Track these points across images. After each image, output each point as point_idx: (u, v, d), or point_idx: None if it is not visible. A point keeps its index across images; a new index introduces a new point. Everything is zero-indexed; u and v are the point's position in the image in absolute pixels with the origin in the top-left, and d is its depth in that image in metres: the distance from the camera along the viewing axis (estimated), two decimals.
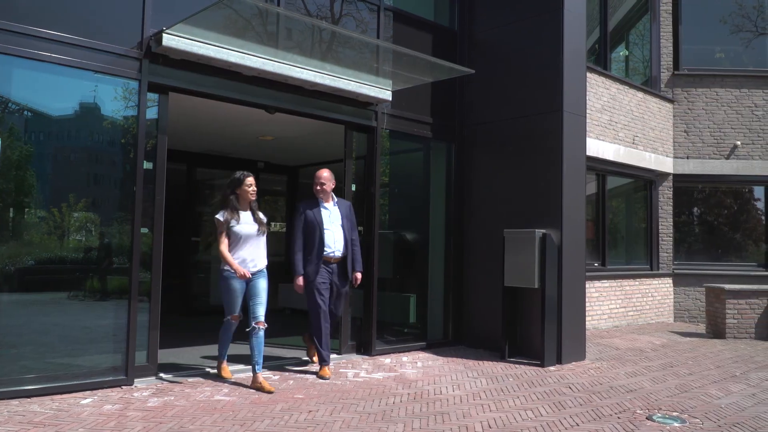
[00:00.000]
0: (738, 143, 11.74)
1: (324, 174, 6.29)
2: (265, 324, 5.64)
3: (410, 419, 4.70)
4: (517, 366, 6.86)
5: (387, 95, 7.14)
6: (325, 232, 6.11)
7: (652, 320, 11.21)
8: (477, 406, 5.12)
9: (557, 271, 7.03)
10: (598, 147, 10.10)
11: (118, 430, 4.19)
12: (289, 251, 6.26)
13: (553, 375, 6.47)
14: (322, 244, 6.08)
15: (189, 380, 5.70)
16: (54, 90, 5.26)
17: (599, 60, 10.79)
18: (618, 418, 4.91)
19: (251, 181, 5.73)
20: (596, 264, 10.45)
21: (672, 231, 11.71)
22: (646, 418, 4.95)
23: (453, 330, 8.06)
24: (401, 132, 7.64)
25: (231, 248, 5.52)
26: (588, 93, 9.76)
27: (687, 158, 11.84)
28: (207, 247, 11.55)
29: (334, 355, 6.98)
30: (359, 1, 7.31)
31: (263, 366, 5.70)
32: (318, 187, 6.24)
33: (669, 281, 11.64)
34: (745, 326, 9.51)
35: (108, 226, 5.62)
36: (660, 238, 11.61)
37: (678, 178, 11.83)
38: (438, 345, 7.86)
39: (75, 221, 5.41)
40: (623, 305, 10.65)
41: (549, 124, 7.27)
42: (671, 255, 11.66)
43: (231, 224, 5.53)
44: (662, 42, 11.89)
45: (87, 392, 5.09)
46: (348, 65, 6.80)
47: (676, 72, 11.96)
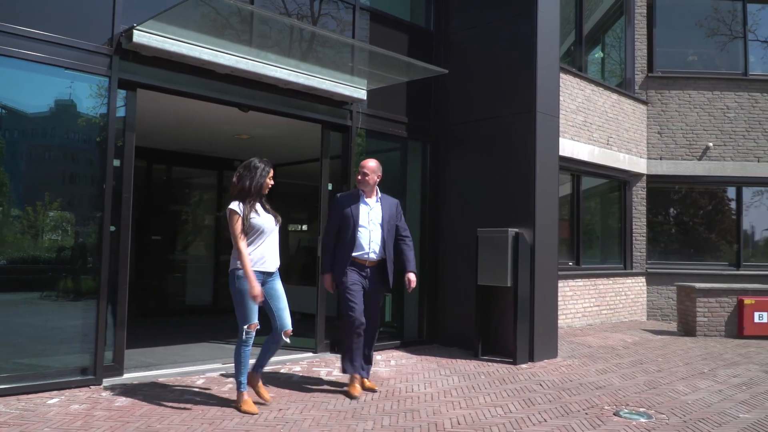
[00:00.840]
0: (710, 144, 11.92)
1: (369, 164, 5.52)
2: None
3: (380, 416, 4.72)
4: (490, 364, 6.91)
5: (362, 94, 7.15)
6: (360, 231, 5.34)
7: (626, 319, 11.35)
8: (447, 404, 5.15)
9: (530, 270, 7.10)
10: (573, 147, 10.20)
11: (85, 430, 4.16)
12: (320, 246, 5.72)
13: (525, 372, 6.53)
14: (354, 244, 5.31)
15: (159, 380, 5.67)
16: (25, 87, 5.20)
17: (574, 62, 10.90)
18: (585, 414, 4.98)
19: (271, 171, 4.93)
20: (570, 263, 10.56)
21: (645, 231, 11.87)
22: (614, 414, 5.02)
23: (428, 329, 8.10)
24: (377, 131, 7.67)
25: (249, 241, 4.70)
26: (563, 94, 9.87)
27: (660, 159, 12.00)
28: (185, 247, 11.49)
29: (309, 354, 6.99)
30: (334, 1, 7.32)
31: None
32: (360, 177, 5.48)
33: (642, 280, 11.79)
34: (715, 324, 9.66)
35: (78, 225, 5.56)
36: (634, 238, 11.76)
37: (651, 179, 11.99)
38: (412, 344, 7.89)
39: (49, 220, 5.35)
40: (597, 304, 10.76)
41: (523, 125, 7.33)
42: (645, 254, 11.81)
43: (251, 217, 4.70)
44: (636, 45, 12.04)
45: (54, 392, 5.03)
46: (323, 64, 6.80)
47: (650, 74, 12.12)
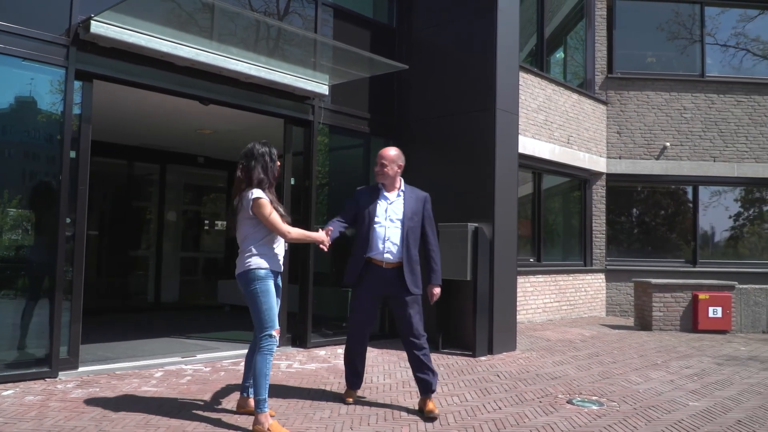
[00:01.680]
0: (667, 144, 12.22)
1: (390, 152, 4.86)
2: None
3: (338, 405, 4.77)
4: (450, 356, 7.01)
5: (324, 89, 7.20)
6: (375, 228, 4.71)
7: (585, 314, 11.57)
8: (405, 393, 5.22)
9: (489, 264, 7.21)
10: (534, 146, 10.38)
11: (39, 419, 4.13)
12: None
13: (483, 364, 6.64)
14: (368, 243, 4.71)
15: (117, 373, 5.64)
16: None
17: (536, 62, 11.08)
18: (539, 402, 5.09)
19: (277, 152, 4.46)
20: (532, 260, 10.74)
21: (605, 228, 12.11)
22: (567, 402, 5.14)
23: (390, 323, 8.17)
24: (340, 127, 7.72)
25: (264, 242, 4.21)
26: (524, 93, 10.05)
27: (619, 158, 12.26)
28: (149, 244, 11.40)
29: None
30: None
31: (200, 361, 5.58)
32: (377, 168, 4.84)
33: (602, 277, 12.03)
34: (671, 318, 9.92)
35: (33, 219, 5.50)
36: (594, 235, 11.99)
37: (611, 178, 12.25)
38: (375, 338, 7.92)
39: (9, 219, 5.28)
40: (557, 299, 10.96)
41: (483, 122, 7.45)
42: (604, 251, 12.06)
43: (276, 205, 4.27)
44: (597, 46, 12.30)
45: (9, 384, 4.98)
46: (285, 59, 6.83)
47: (610, 75, 12.39)
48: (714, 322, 9.83)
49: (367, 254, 4.72)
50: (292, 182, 7.30)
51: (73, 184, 5.45)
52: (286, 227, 4.23)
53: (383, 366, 6.36)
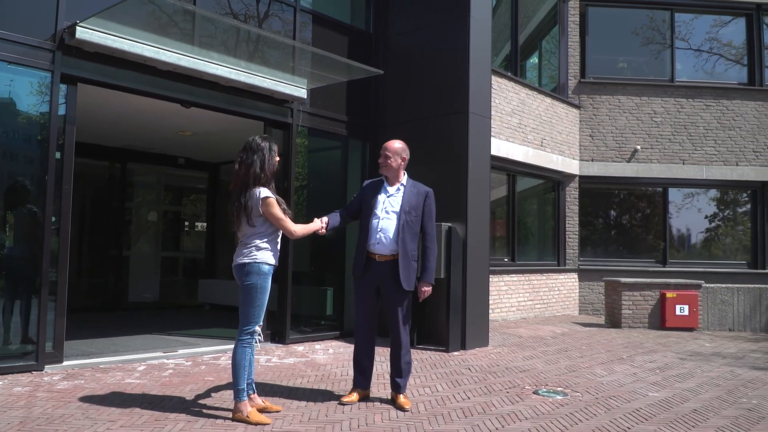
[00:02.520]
0: (638, 147, 12.59)
1: (394, 145, 4.90)
2: None
3: (314, 395, 5.01)
4: (424, 352, 7.26)
5: (302, 93, 7.42)
6: (371, 220, 4.80)
7: (559, 313, 11.89)
8: (379, 385, 5.45)
9: (462, 263, 7.48)
10: (508, 148, 10.67)
11: (28, 408, 4.33)
12: None
13: (456, 359, 6.90)
14: (366, 235, 4.81)
15: (101, 366, 5.82)
16: None
17: (510, 67, 11.38)
18: (507, 393, 5.36)
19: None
20: (506, 259, 11.03)
21: (578, 229, 12.45)
22: (533, 393, 5.41)
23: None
24: (318, 129, 7.95)
25: (264, 236, 4.29)
26: (498, 97, 10.35)
27: (592, 161, 12.60)
28: (130, 244, 11.52)
29: None
30: (276, 2, 7.57)
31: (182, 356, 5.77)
32: (381, 159, 4.90)
33: (575, 276, 12.37)
34: (639, 316, 10.27)
35: (19, 219, 5.66)
36: (567, 236, 12.32)
37: (584, 180, 12.59)
38: (352, 335, 8.15)
39: None
40: (531, 298, 11.26)
41: (456, 125, 7.72)
42: (577, 252, 12.40)
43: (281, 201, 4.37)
44: (570, 51, 12.64)
45: None
46: (265, 63, 7.05)
47: (583, 80, 12.74)
48: (681, 320, 10.18)
49: (367, 248, 4.80)
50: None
51: (58, 185, 5.62)
52: (294, 227, 4.35)
53: None
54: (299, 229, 4.45)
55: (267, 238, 4.29)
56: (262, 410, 4.39)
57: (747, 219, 13.02)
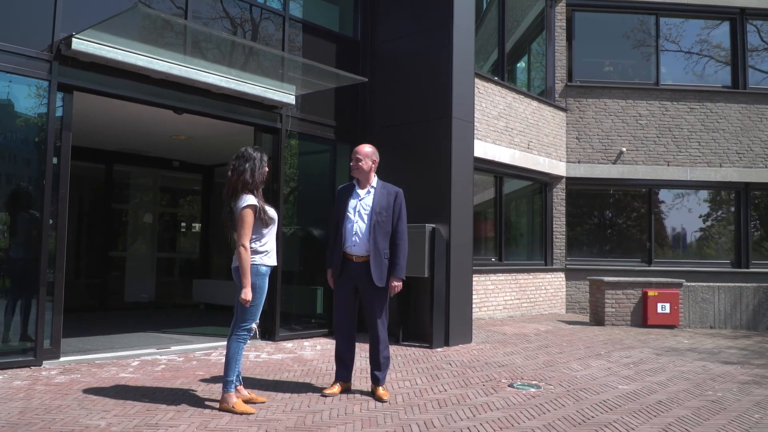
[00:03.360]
0: (624, 149, 12.88)
1: (364, 149, 5.16)
2: None
3: (298, 387, 5.29)
4: (408, 348, 7.54)
5: (291, 99, 7.70)
6: (345, 224, 5.08)
7: (546, 311, 12.17)
8: (362, 379, 5.72)
9: (445, 263, 7.75)
10: (495, 151, 10.95)
11: (27, 399, 4.61)
12: None
13: (438, 354, 7.18)
14: (342, 238, 5.07)
15: (97, 362, 6.10)
16: None
17: (497, 71, 11.66)
18: (483, 386, 5.63)
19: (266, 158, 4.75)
20: (493, 259, 11.31)
21: (565, 229, 12.74)
22: (508, 386, 5.69)
23: (361, 319, 8.65)
24: (307, 134, 8.23)
25: (260, 239, 4.53)
26: (485, 101, 10.63)
27: (578, 163, 12.89)
28: (126, 245, 11.79)
29: None
30: (265, 11, 7.85)
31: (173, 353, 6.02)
32: (352, 163, 5.15)
33: (562, 276, 12.65)
34: (622, 314, 10.55)
35: (18, 221, 5.93)
36: (554, 236, 12.61)
37: (570, 181, 12.88)
38: None
39: None
40: (518, 297, 11.54)
41: (440, 129, 8.00)
42: (564, 251, 12.68)
43: (266, 210, 4.57)
44: (557, 56, 12.93)
45: None
46: (254, 71, 7.32)
47: (569, 83, 13.03)
48: (663, 318, 10.46)
49: (343, 248, 5.05)
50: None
51: (55, 188, 5.90)
52: (247, 243, 4.42)
53: None
54: (245, 256, 4.41)
55: (263, 240, 4.54)
56: (248, 401, 4.67)
57: (731, 219, 13.31)
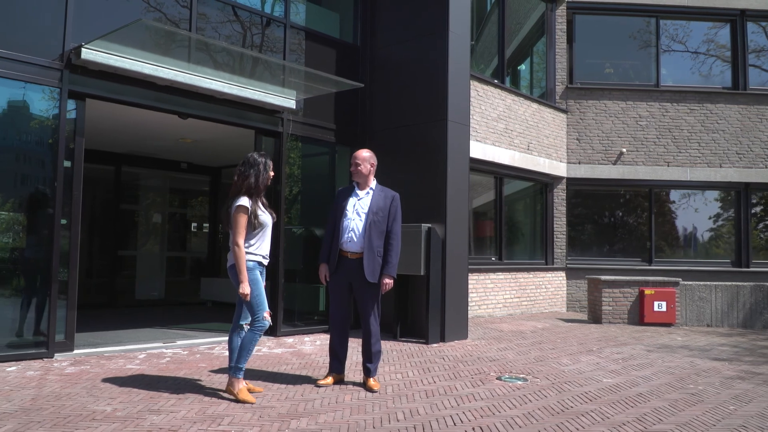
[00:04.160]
0: (624, 150, 13.08)
1: (363, 153, 5.49)
2: None
3: (294, 379, 5.58)
4: (405, 344, 7.82)
5: (291, 104, 8.00)
6: (343, 221, 5.36)
7: (546, 310, 12.40)
8: (357, 372, 6.00)
9: (441, 261, 8.02)
10: (495, 152, 11.20)
11: (39, 388, 4.94)
12: None
13: (433, 350, 7.45)
14: (339, 235, 5.37)
15: (105, 355, 6.43)
16: None
17: (497, 74, 11.90)
18: (471, 378, 5.90)
19: (271, 164, 5.06)
20: (493, 258, 11.55)
21: (566, 229, 12.95)
22: (496, 378, 5.95)
23: (355, 315, 8.95)
24: (307, 137, 8.52)
25: (254, 240, 4.82)
26: (484, 104, 10.89)
27: (579, 163, 13.11)
28: (137, 245, 12.15)
29: None
30: (266, 18, 8.15)
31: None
32: (352, 167, 5.47)
33: (562, 275, 12.87)
34: (619, 312, 10.76)
35: (33, 222, 6.28)
36: (555, 236, 12.83)
37: (571, 182, 13.10)
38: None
39: (9, 218, 6.07)
40: (517, 295, 11.78)
41: (436, 132, 8.27)
42: (565, 251, 12.90)
43: (258, 213, 4.83)
44: (557, 58, 13.14)
45: (12, 362, 5.80)
46: (256, 77, 7.63)
47: (570, 85, 13.24)
48: (659, 316, 10.66)
49: (339, 244, 5.34)
50: None
51: (68, 190, 6.24)
52: (241, 242, 4.70)
53: None
54: (241, 253, 4.70)
55: (251, 242, 4.81)
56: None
57: (731, 219, 13.47)
